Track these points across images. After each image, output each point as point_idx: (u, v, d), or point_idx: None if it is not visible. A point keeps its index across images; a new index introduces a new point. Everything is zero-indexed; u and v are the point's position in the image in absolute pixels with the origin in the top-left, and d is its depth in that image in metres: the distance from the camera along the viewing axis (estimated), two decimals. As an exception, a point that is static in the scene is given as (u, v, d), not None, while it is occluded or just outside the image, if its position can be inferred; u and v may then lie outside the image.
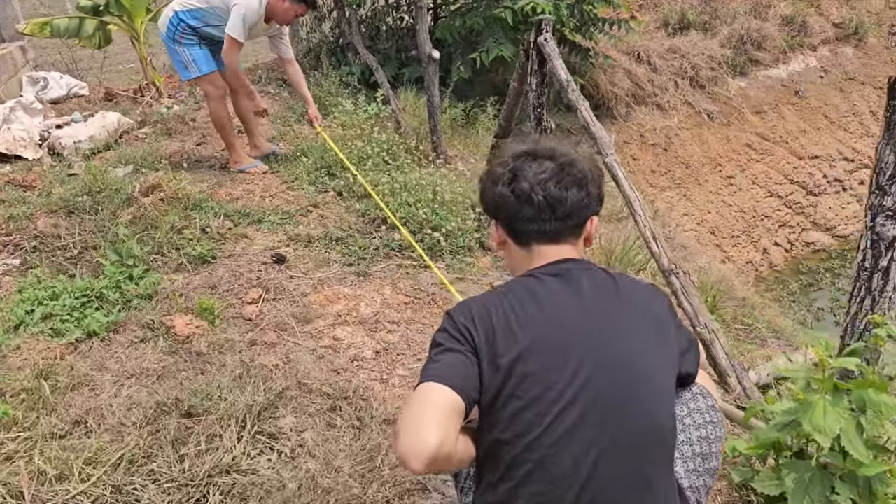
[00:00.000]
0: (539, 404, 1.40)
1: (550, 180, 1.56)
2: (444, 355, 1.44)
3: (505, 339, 1.44)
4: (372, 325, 3.09)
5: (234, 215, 4.16)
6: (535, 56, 3.58)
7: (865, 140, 9.08)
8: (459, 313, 1.50)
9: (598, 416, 1.41)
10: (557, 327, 1.47)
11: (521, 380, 1.41)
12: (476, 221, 4.00)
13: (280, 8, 4.50)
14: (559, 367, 1.42)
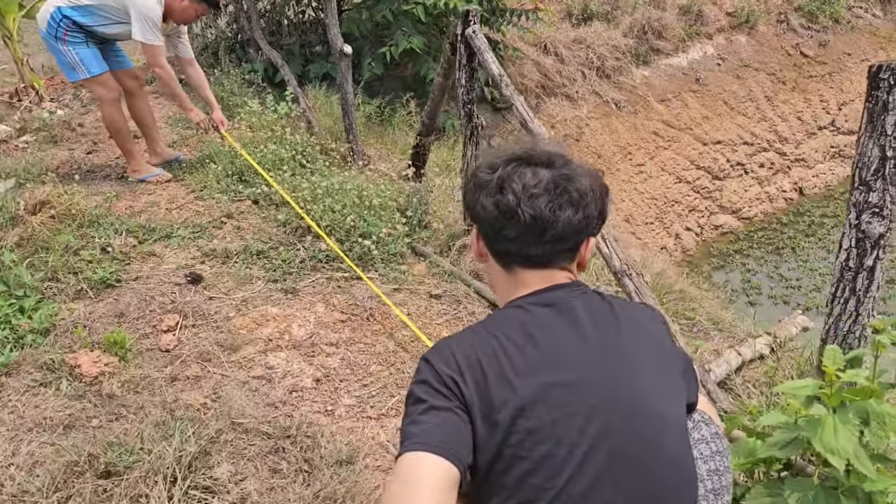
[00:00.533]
0: (549, 465, 1.16)
1: (541, 196, 1.30)
2: (429, 415, 1.18)
3: (500, 390, 1.20)
4: (308, 349, 2.81)
5: (138, 231, 3.76)
6: (464, 49, 3.38)
7: (762, 124, 9.42)
8: (440, 360, 1.24)
9: (616, 474, 1.19)
10: (559, 370, 1.23)
11: (525, 437, 1.17)
12: (406, 226, 3.77)
13: (178, 7, 4.13)
14: (567, 418, 1.19)
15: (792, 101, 9.69)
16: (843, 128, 9.80)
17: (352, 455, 2.20)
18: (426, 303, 3.30)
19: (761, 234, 8.44)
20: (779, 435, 1.75)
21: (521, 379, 1.21)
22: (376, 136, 5.84)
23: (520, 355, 1.23)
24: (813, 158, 9.54)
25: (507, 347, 1.24)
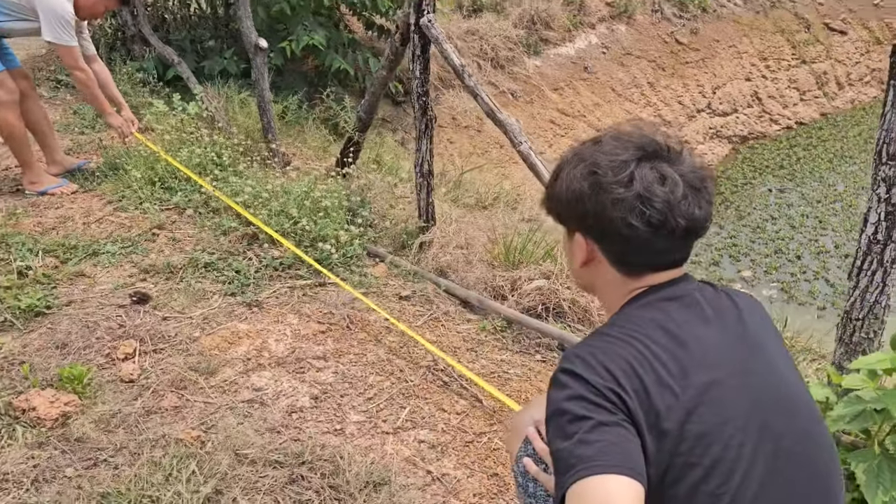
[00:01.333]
0: (721, 469, 1.09)
1: (687, 199, 1.20)
2: (597, 433, 1.07)
3: (663, 396, 1.11)
4: (294, 365, 2.59)
5: (57, 250, 3.34)
6: (418, 40, 3.24)
7: (648, 109, 9.86)
8: (592, 372, 1.13)
9: (783, 469, 1.13)
10: (712, 369, 1.15)
11: (694, 442, 1.09)
12: (360, 227, 3.59)
13: (86, 2, 3.75)
14: (731, 419, 1.12)
15: (672, 87, 10.19)
16: (719, 110, 10.44)
17: (383, 475, 2.03)
18: (398, 305, 3.15)
19: (657, 215, 8.83)
20: (842, 409, 1.77)
21: (679, 382, 1.13)
22: (293, 134, 5.55)
23: (671, 358, 1.15)
24: (695, 140, 10.09)
25: (656, 351, 1.15)
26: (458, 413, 2.42)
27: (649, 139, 1.27)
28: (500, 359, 2.82)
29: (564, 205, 1.29)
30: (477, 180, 5.12)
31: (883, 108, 1.87)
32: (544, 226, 3.88)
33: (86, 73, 3.88)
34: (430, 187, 3.58)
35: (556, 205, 1.32)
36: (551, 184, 1.34)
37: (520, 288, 3.31)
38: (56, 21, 3.64)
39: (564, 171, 1.29)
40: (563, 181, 1.28)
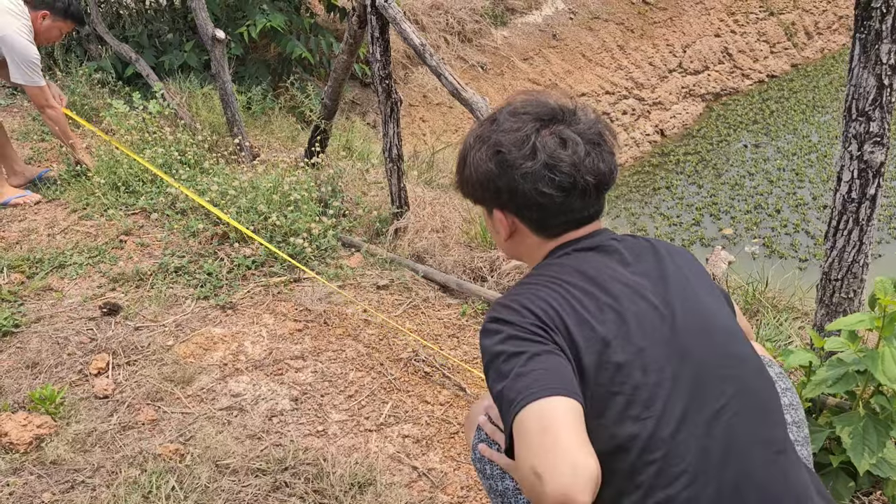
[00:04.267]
0: (642, 395, 1.12)
1: (590, 155, 1.26)
2: (533, 363, 1.10)
3: (582, 332, 1.16)
4: (272, 367, 2.54)
5: (21, 265, 3.25)
6: (376, 21, 3.14)
7: (619, 73, 9.77)
8: (517, 315, 1.17)
9: (709, 390, 1.16)
10: (629, 303, 1.19)
11: (616, 372, 1.13)
12: (333, 218, 3.52)
13: (40, 28, 3.74)
14: (649, 347, 1.16)
15: (642, 48, 10.11)
16: (690, 68, 10.37)
17: (368, 475, 1.99)
18: (376, 296, 3.10)
19: (636, 178, 8.79)
20: (824, 373, 1.74)
21: (597, 317, 1.18)
22: (259, 126, 5.44)
23: (588, 297, 1.20)
24: (668, 101, 10.03)
25: (574, 292, 1.21)
26: (442, 404, 2.38)
27: (543, 106, 1.31)
28: (483, 343, 2.78)
29: (477, 187, 1.34)
30: (450, 159, 5.04)
31: (850, 64, 1.83)
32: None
33: (56, 111, 3.84)
34: (401, 172, 3.51)
35: (469, 189, 1.37)
36: (460, 170, 1.39)
37: (499, 268, 3.26)
38: (25, 64, 3.63)
39: (470, 155, 1.34)
40: (471, 166, 1.33)
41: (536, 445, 1.01)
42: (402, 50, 8.28)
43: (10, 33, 3.59)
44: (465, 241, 3.53)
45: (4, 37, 3.58)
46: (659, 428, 1.11)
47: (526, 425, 1.04)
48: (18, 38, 3.61)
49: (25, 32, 3.66)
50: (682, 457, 1.10)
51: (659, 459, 1.10)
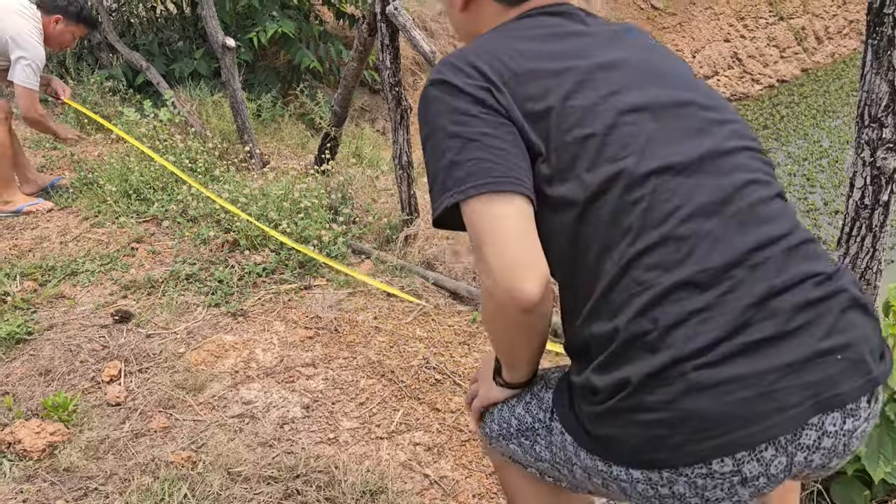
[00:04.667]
0: (617, 132, 1.05)
1: None
2: (472, 147, 1.03)
3: (538, 81, 1.08)
4: (284, 375, 2.54)
5: (34, 272, 3.27)
6: (385, 28, 3.16)
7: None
8: (461, 74, 1.08)
9: (673, 121, 1.08)
10: (589, 57, 1.12)
11: (583, 114, 1.06)
12: (343, 225, 3.53)
13: (53, 32, 3.76)
14: (613, 92, 1.08)
15: (650, 54, 10.11)
16: (700, 73, 10.34)
17: (379, 483, 1.99)
18: (386, 303, 3.10)
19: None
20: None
21: (557, 66, 1.09)
22: (270, 133, 5.46)
23: (546, 45, 1.13)
24: (677, 106, 10.02)
25: (530, 43, 1.13)
26: (453, 411, 2.38)
27: None
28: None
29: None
30: (459, 166, 5.06)
31: (862, 70, 1.82)
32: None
33: (41, 114, 3.87)
34: (411, 178, 3.52)
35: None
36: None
37: (509, 275, 3.26)
38: (31, 64, 3.64)
39: None
40: None
41: (484, 243, 1.00)
42: (411, 56, 8.30)
43: (23, 33, 3.61)
44: (475, 247, 3.53)
45: (16, 37, 3.59)
46: (641, 164, 1.02)
47: (473, 223, 1.02)
48: (30, 39, 3.63)
49: (36, 35, 3.68)
50: (673, 191, 1.02)
51: (647, 196, 1.01)
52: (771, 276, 1.00)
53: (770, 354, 0.96)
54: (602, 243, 1.02)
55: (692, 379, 0.95)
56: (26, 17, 3.69)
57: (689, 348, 0.96)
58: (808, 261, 1.04)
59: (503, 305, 1.00)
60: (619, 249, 1.01)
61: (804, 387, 0.95)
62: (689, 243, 1.00)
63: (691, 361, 0.96)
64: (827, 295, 1.01)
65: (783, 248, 1.03)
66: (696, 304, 0.98)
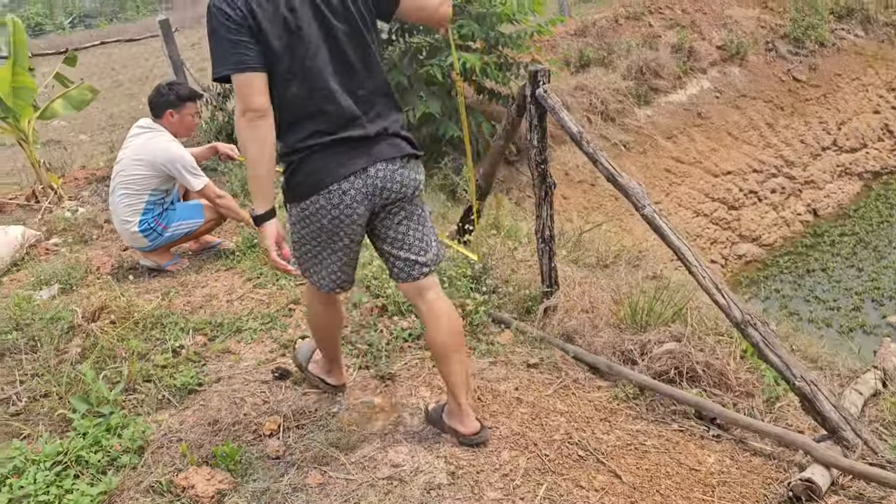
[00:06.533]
0: (297, 53, 2.18)
1: None
2: (238, 49, 2.11)
3: (273, 26, 2.14)
4: (430, 441, 2.64)
5: (205, 328, 3.59)
6: (534, 110, 3.31)
7: (768, 151, 9.49)
8: (229, 7, 2.11)
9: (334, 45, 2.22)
10: (300, 7, 2.17)
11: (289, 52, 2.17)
12: (484, 295, 3.64)
13: (176, 126, 4.34)
14: (303, 33, 2.17)
15: (793, 126, 9.79)
16: (846, 146, 9.90)
17: (526, 557, 2.02)
18: (527, 374, 3.15)
19: (787, 259, 8.40)
20: None
21: (277, 13, 2.14)
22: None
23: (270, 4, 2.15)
24: (822, 179, 9.60)
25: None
26: (597, 490, 2.38)
27: None
28: (636, 429, 2.75)
29: None
30: (596, 238, 5.08)
31: None
32: (671, 285, 3.79)
33: (226, 198, 4.36)
34: (552, 252, 3.59)
35: None
36: None
37: (650, 352, 3.23)
38: (188, 166, 4.18)
39: None
40: None
41: (242, 95, 2.13)
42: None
43: (161, 151, 4.16)
44: (615, 322, 3.53)
45: (164, 161, 4.17)
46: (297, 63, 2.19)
47: (236, 87, 2.14)
48: (168, 151, 4.18)
49: (169, 143, 4.23)
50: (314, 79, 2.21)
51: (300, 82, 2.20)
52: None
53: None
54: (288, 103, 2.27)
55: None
56: (154, 132, 4.25)
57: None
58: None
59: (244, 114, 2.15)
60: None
61: (367, 154, 2.25)
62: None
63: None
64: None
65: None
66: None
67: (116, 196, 4.30)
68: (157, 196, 4.31)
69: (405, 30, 6.95)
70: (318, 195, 2.21)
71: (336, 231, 2.29)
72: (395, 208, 2.34)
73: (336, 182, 2.19)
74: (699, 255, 2.93)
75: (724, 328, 3.36)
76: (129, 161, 4.25)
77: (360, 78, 2.24)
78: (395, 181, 2.27)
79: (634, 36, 9.84)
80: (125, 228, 4.30)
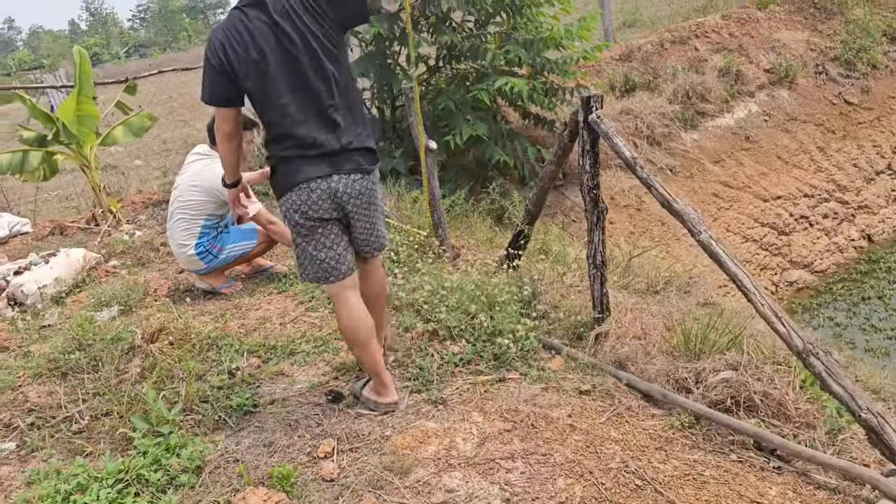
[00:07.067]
0: (272, 89, 2.70)
1: None
2: (217, 83, 2.71)
3: (238, 60, 2.66)
4: (484, 466, 2.63)
5: (259, 350, 3.66)
6: (587, 135, 3.32)
7: (819, 175, 9.31)
8: (213, 55, 2.67)
9: (298, 77, 2.71)
10: (261, 42, 2.66)
11: (259, 80, 2.69)
12: (535, 320, 3.63)
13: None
14: (266, 70, 2.68)
15: (845, 150, 9.60)
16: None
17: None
18: (579, 401, 3.13)
19: (841, 286, 8.19)
20: None
21: (248, 50, 2.66)
22: (460, 228, 5.77)
23: (240, 41, 2.66)
24: (876, 204, 9.37)
25: (235, 38, 2.66)
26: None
27: None
28: (693, 459, 2.70)
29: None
30: (645, 264, 5.05)
31: None
32: (725, 312, 3.73)
33: (277, 224, 4.43)
34: (604, 278, 3.57)
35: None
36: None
37: (705, 380, 3.18)
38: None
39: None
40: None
41: (217, 119, 2.81)
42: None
43: (218, 179, 4.26)
44: (667, 349, 3.49)
45: (223, 189, 4.26)
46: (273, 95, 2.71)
47: (215, 112, 2.85)
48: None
49: None
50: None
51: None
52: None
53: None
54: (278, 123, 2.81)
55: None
56: (210, 162, 4.38)
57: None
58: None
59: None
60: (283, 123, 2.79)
61: (330, 164, 2.78)
62: None
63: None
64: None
65: None
66: None
67: (174, 220, 4.43)
68: (212, 220, 4.42)
69: (452, 56, 7.04)
70: (291, 192, 2.79)
71: (308, 223, 2.83)
72: (358, 210, 2.90)
73: (304, 182, 2.76)
74: (757, 282, 2.89)
75: (782, 357, 3.29)
76: (186, 187, 4.38)
77: (325, 101, 2.71)
78: (354, 188, 2.84)
79: (680, 60, 9.79)
80: (182, 252, 4.42)
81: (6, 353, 3.99)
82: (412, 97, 4.81)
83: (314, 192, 2.76)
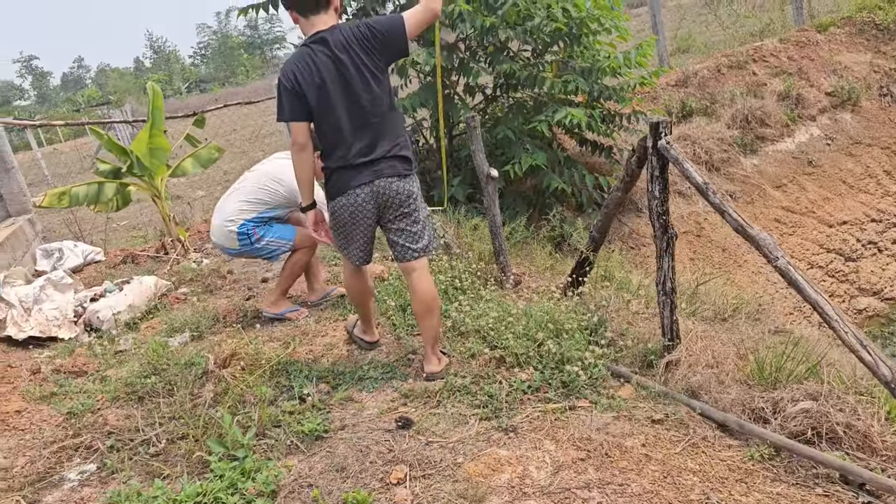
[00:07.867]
0: (331, 116, 3.33)
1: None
2: (291, 104, 3.31)
3: (309, 89, 3.28)
4: (559, 495, 2.60)
5: (328, 376, 3.70)
6: (656, 161, 3.30)
7: (887, 199, 9.03)
8: (287, 81, 3.29)
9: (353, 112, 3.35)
10: (323, 71, 3.29)
11: (324, 107, 3.32)
12: (603, 347, 3.60)
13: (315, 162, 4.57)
14: (333, 99, 3.32)
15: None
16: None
17: None
18: (652, 430, 3.07)
19: (914, 316, 7.90)
20: None
21: (312, 82, 3.28)
22: (519, 255, 5.77)
23: (308, 71, 3.28)
24: (949, 229, 9.03)
25: (304, 70, 3.27)
26: (742, 554, 2.27)
27: None
28: (776, 492, 2.62)
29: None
30: (711, 291, 4.95)
31: None
32: (802, 341, 3.63)
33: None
34: (674, 305, 3.52)
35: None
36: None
37: (783, 410, 3.09)
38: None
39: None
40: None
41: (292, 134, 3.41)
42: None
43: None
44: (742, 378, 3.41)
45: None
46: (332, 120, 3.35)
47: (290, 128, 3.46)
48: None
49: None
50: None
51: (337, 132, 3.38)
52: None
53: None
54: (332, 142, 3.42)
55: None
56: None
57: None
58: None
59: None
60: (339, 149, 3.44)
61: (372, 171, 3.39)
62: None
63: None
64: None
65: None
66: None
67: (232, 194, 4.54)
68: (270, 214, 4.52)
69: (510, 85, 7.10)
70: (342, 196, 3.41)
71: (354, 221, 3.45)
72: (394, 211, 3.45)
73: (352, 189, 3.37)
74: (840, 309, 2.81)
75: (865, 386, 3.18)
76: (268, 178, 4.49)
77: (368, 115, 3.33)
78: (392, 190, 3.40)
79: (738, 85, 9.67)
80: (224, 227, 4.49)
81: (84, 378, 4.12)
82: (473, 126, 4.86)
83: (359, 196, 3.38)
